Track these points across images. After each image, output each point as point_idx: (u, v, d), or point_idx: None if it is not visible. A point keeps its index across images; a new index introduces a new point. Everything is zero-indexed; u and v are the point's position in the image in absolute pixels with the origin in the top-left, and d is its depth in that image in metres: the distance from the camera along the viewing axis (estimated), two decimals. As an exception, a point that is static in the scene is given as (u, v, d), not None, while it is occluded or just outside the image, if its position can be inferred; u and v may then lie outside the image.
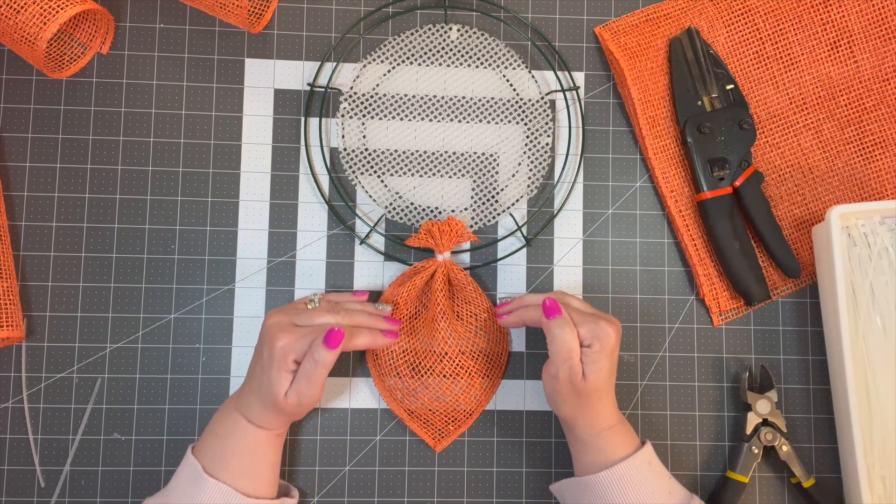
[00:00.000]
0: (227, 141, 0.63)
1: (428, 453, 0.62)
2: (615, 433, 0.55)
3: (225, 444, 0.53)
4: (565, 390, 0.54)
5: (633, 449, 0.55)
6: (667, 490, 0.54)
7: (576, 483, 0.56)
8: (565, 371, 0.53)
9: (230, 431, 0.53)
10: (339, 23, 0.65)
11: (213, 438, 0.54)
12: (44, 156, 0.62)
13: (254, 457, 0.53)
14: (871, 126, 0.65)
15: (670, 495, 0.54)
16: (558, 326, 0.54)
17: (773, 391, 0.61)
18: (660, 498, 0.53)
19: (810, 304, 0.64)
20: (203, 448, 0.54)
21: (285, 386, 0.51)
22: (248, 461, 0.53)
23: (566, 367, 0.53)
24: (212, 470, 0.52)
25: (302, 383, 0.51)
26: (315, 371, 0.50)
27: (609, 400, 0.55)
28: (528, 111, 0.64)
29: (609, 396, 0.55)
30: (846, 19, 0.65)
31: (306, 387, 0.51)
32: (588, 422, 0.55)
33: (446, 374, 0.60)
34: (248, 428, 0.53)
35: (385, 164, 0.64)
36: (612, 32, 0.64)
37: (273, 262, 0.63)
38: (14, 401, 0.60)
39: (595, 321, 0.54)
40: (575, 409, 0.55)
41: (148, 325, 0.61)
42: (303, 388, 0.51)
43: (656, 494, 0.53)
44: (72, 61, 0.63)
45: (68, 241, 0.62)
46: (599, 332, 0.54)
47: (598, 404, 0.55)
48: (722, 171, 0.62)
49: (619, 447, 0.55)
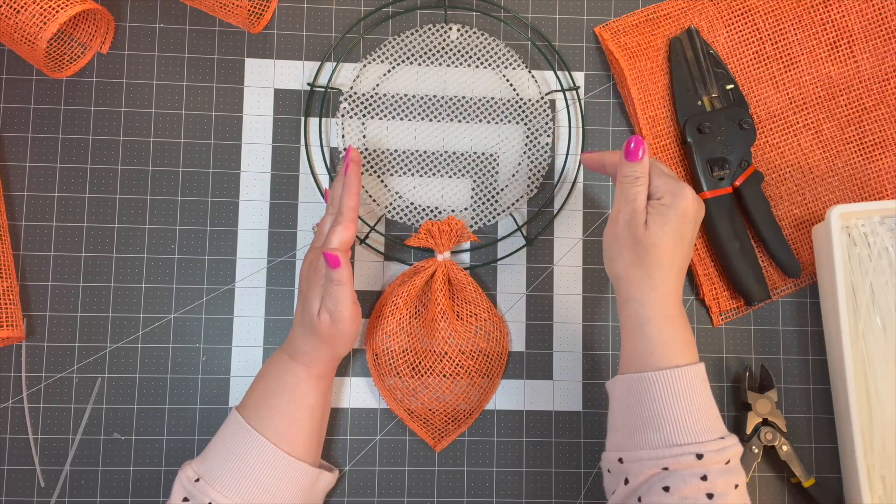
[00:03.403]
0: (227, 141, 0.63)
1: (428, 453, 0.62)
2: (674, 328, 0.51)
3: (267, 385, 0.55)
4: (623, 236, 0.51)
5: (690, 360, 0.51)
6: (715, 415, 0.50)
7: (625, 381, 0.52)
8: (627, 213, 0.51)
9: (273, 372, 0.55)
10: (339, 23, 0.65)
11: (256, 382, 0.56)
12: (44, 156, 0.62)
13: (294, 397, 0.54)
14: (871, 126, 0.65)
15: (718, 420, 0.50)
16: (630, 168, 0.52)
17: (773, 391, 0.61)
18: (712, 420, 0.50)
19: (810, 304, 0.64)
20: (246, 399, 0.55)
21: (317, 304, 0.54)
22: (286, 401, 0.54)
23: (629, 209, 0.51)
24: (253, 420, 0.53)
25: (329, 301, 0.53)
26: (332, 287, 0.53)
27: (673, 275, 0.51)
28: (528, 111, 0.64)
29: (673, 270, 0.51)
30: (846, 19, 0.65)
31: (333, 303, 0.53)
32: (644, 292, 0.51)
33: (446, 374, 0.60)
34: (289, 365, 0.55)
35: (385, 164, 0.64)
36: (612, 32, 0.64)
37: (273, 262, 0.63)
38: (14, 401, 0.60)
39: (676, 181, 0.52)
40: (631, 267, 0.51)
41: (148, 325, 0.61)
42: (330, 305, 0.53)
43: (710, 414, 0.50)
44: (72, 61, 0.63)
45: (68, 241, 0.62)
46: (676, 190, 0.51)
47: (657, 270, 0.51)
48: (722, 170, 0.62)
49: (677, 347, 0.50)
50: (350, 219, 0.54)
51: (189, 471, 0.52)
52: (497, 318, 0.62)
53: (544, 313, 0.63)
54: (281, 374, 0.55)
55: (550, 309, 0.63)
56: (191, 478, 0.52)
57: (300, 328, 0.55)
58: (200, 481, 0.52)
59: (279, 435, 0.53)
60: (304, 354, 0.55)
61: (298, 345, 0.55)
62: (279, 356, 0.56)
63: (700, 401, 0.50)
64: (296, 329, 0.56)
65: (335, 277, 0.53)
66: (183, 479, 0.52)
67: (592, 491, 0.62)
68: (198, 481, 0.52)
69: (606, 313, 0.64)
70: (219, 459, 0.53)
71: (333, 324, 0.53)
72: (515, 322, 0.63)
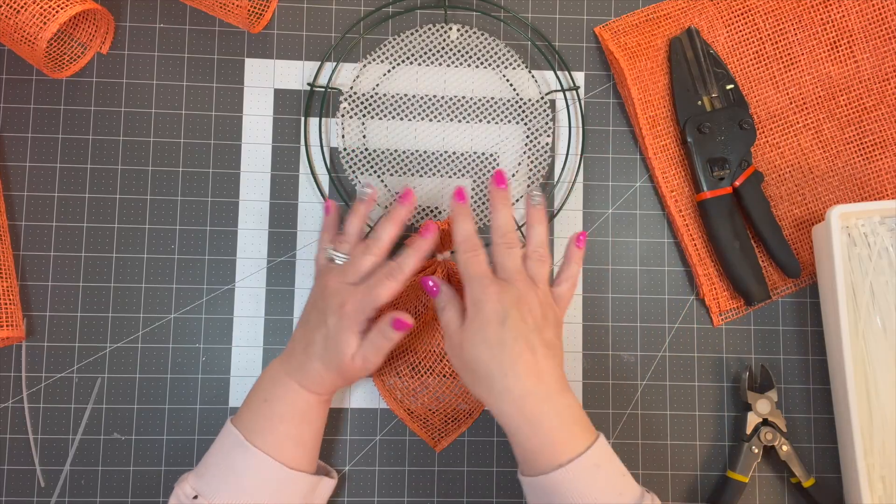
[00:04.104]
0: (227, 141, 0.63)
1: (428, 453, 0.62)
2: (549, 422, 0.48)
3: (273, 410, 0.53)
4: (455, 363, 0.52)
5: (581, 445, 0.48)
6: (626, 482, 0.49)
7: (529, 483, 0.50)
8: (447, 342, 0.52)
9: (280, 396, 0.53)
10: (339, 23, 0.65)
11: (259, 404, 0.53)
12: (44, 156, 0.62)
13: (303, 421, 0.53)
14: (871, 126, 0.65)
15: (621, 496, 0.48)
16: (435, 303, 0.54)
17: (773, 391, 0.61)
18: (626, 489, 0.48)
19: (810, 304, 0.64)
20: (245, 416, 0.53)
21: (353, 348, 0.52)
22: (296, 425, 0.53)
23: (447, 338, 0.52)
24: (254, 438, 0.52)
25: (370, 351, 0.52)
26: (384, 344, 0.52)
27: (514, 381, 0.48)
28: (528, 111, 0.64)
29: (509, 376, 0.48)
30: (846, 19, 0.65)
31: (373, 355, 0.52)
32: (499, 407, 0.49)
33: (446, 374, 0.60)
34: (300, 392, 0.53)
35: (385, 164, 0.64)
36: (612, 32, 0.64)
37: (273, 262, 0.63)
38: (14, 401, 0.60)
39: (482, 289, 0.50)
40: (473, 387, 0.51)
41: (148, 325, 0.61)
42: (370, 355, 0.52)
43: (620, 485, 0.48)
44: (72, 61, 0.63)
45: (68, 241, 0.62)
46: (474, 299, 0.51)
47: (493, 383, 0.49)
48: (722, 170, 0.62)
49: (562, 439, 0.48)
50: (404, 281, 0.53)
51: (186, 487, 0.52)
52: (497, 318, 0.62)
53: (544, 313, 0.63)
54: (291, 400, 0.53)
55: (550, 309, 0.63)
56: (189, 494, 0.51)
57: (320, 364, 0.52)
58: (199, 498, 0.51)
59: (285, 455, 0.52)
60: (318, 385, 0.53)
61: (314, 377, 0.53)
62: (286, 381, 0.53)
63: (604, 480, 0.48)
64: (312, 364, 0.53)
65: (393, 338, 0.52)
66: (181, 496, 0.52)
67: (592, 491, 0.62)
68: (196, 498, 0.51)
69: (606, 313, 0.64)
70: (218, 476, 0.52)
71: (364, 369, 0.53)
72: (515, 322, 0.63)
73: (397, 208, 0.56)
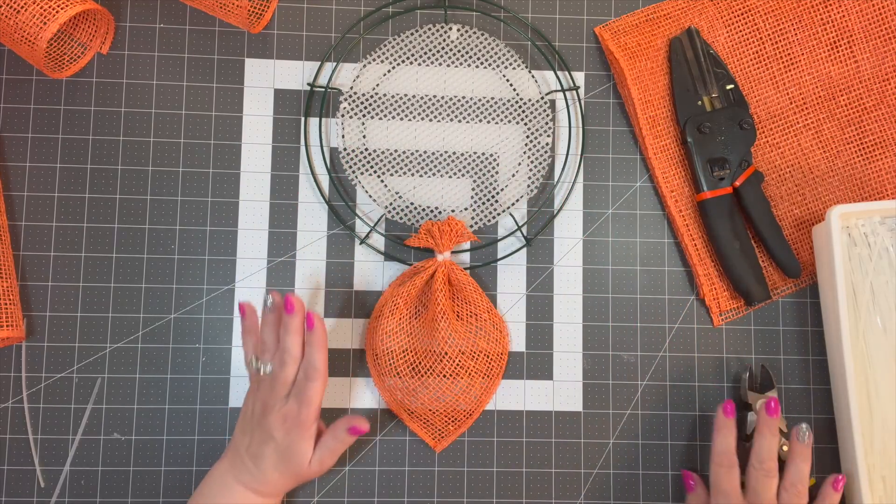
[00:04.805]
0: (227, 141, 0.63)
1: (428, 453, 0.62)
2: None
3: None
4: None
5: None
6: None
7: None
8: None
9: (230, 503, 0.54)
10: (339, 23, 0.65)
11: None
12: (44, 156, 0.62)
13: None
14: (871, 126, 0.65)
15: None
16: None
17: (773, 391, 0.61)
18: None
19: (810, 304, 0.64)
20: None
21: (310, 453, 0.54)
22: None
23: None
24: None
25: (325, 454, 0.55)
26: (339, 447, 0.55)
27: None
28: (528, 111, 0.64)
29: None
30: (846, 19, 0.65)
31: (329, 457, 0.55)
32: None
33: (446, 374, 0.60)
34: (252, 498, 0.54)
35: (385, 164, 0.64)
36: (612, 32, 0.64)
37: (273, 262, 0.63)
38: (14, 401, 0.60)
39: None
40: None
41: (148, 325, 0.61)
42: (325, 459, 0.55)
43: None
44: (72, 61, 0.63)
45: (68, 241, 0.62)
46: None
47: None
48: (722, 170, 0.62)
49: None
50: (324, 374, 0.54)
51: None
52: (497, 318, 0.62)
53: (544, 313, 0.63)
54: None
55: (550, 309, 0.63)
56: None
57: (277, 473, 0.54)
58: None
59: None
60: (272, 489, 0.54)
61: (269, 484, 0.54)
62: (237, 488, 0.54)
63: None
64: (268, 474, 0.54)
65: (348, 441, 0.55)
66: None
67: (592, 491, 0.62)
68: None
69: (606, 313, 0.64)
70: None
71: (320, 471, 0.55)
72: (515, 322, 0.63)
73: (288, 319, 0.55)
